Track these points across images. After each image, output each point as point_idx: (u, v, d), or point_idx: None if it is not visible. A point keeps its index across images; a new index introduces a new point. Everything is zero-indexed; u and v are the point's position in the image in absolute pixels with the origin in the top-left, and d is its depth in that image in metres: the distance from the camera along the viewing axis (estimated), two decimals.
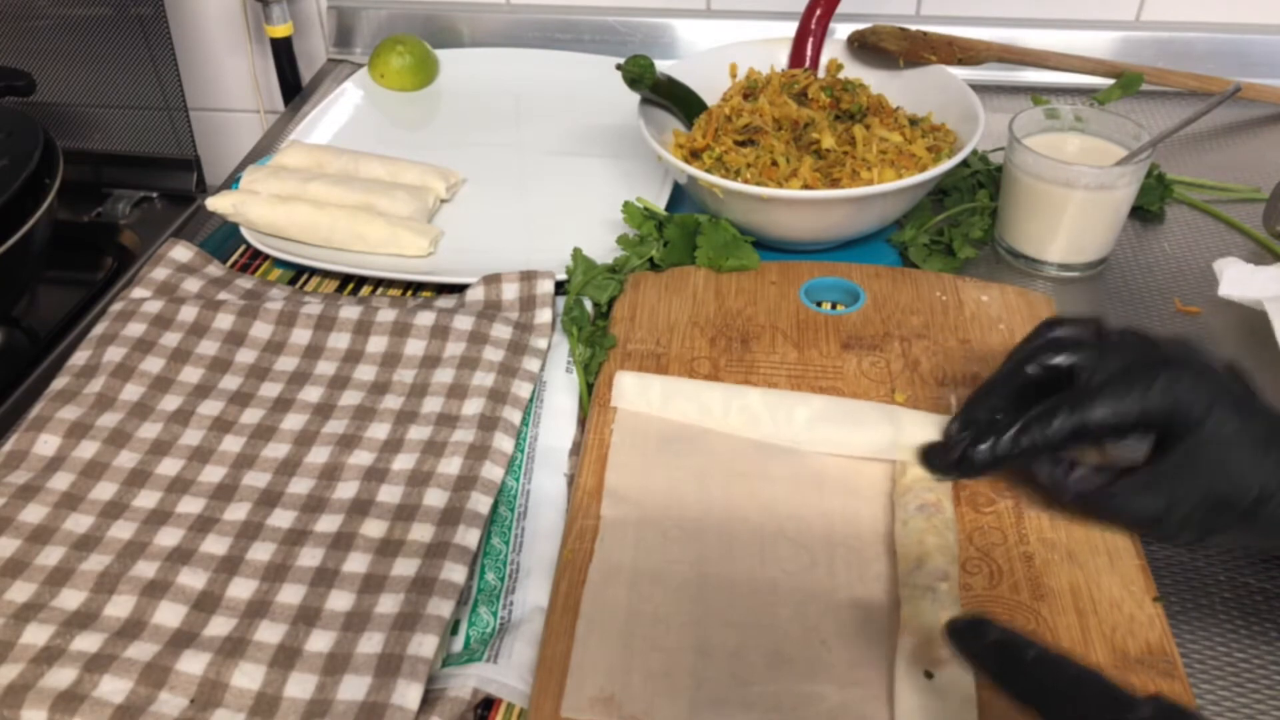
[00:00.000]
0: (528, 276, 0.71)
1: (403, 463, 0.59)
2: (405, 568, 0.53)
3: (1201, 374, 0.49)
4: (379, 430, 0.62)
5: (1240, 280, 0.67)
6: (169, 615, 0.51)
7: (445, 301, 0.71)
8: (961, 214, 0.79)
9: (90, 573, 0.53)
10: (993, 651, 0.42)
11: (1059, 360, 0.52)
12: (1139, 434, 0.50)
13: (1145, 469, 0.50)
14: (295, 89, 1.12)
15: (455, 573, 0.53)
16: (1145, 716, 0.37)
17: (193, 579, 0.53)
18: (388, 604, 0.51)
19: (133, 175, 1.09)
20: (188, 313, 0.69)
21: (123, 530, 0.56)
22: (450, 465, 0.59)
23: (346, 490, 0.58)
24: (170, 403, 0.63)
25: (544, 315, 0.69)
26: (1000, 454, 0.51)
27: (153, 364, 0.66)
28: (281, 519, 0.56)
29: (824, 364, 0.64)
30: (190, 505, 0.57)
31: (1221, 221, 0.80)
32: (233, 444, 0.61)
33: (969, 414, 0.55)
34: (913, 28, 0.87)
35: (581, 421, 0.64)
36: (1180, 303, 0.72)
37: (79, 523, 0.56)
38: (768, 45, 0.88)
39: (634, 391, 0.61)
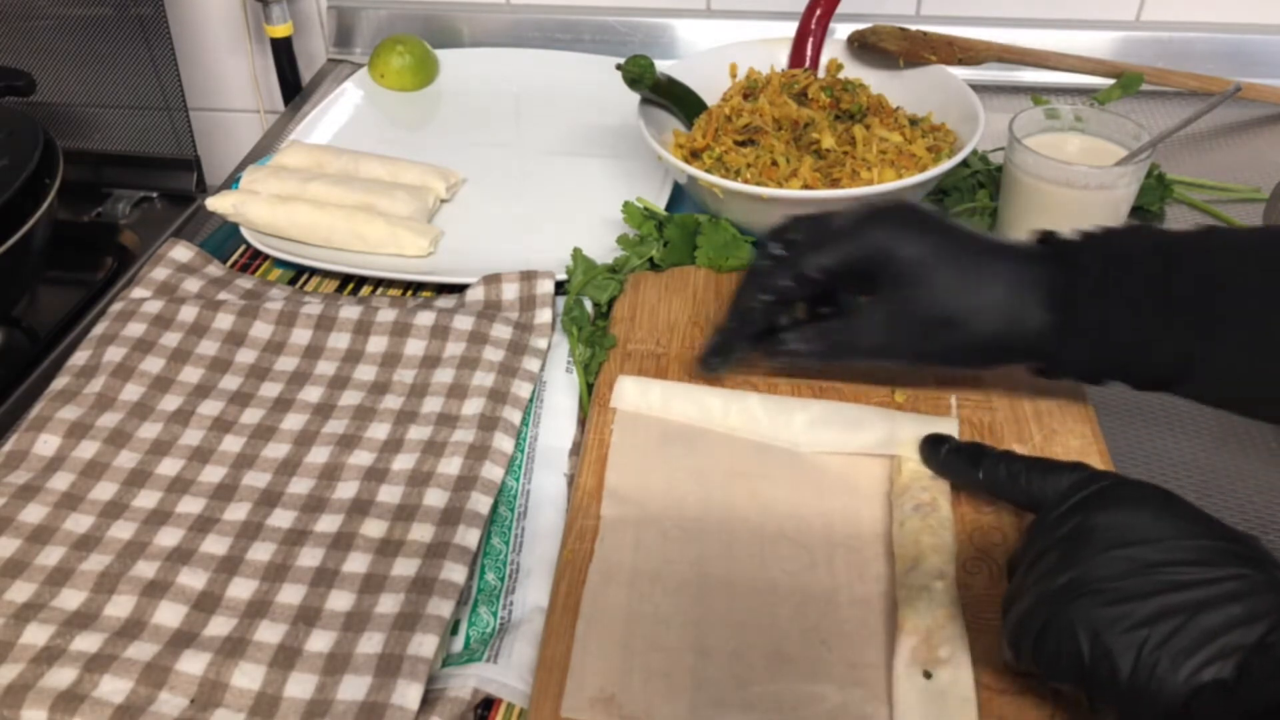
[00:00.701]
0: (528, 276, 0.71)
1: (403, 463, 0.59)
2: (405, 568, 0.53)
3: (901, 216, 0.55)
4: (379, 430, 0.62)
5: None
6: (169, 615, 0.51)
7: (445, 301, 0.71)
8: (961, 214, 0.79)
9: (90, 573, 0.53)
10: (953, 455, 0.53)
11: (778, 242, 0.58)
12: (858, 283, 0.56)
13: (869, 306, 0.56)
14: (295, 89, 1.12)
15: (455, 573, 0.53)
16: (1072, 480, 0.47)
17: (193, 579, 0.53)
18: (388, 604, 0.51)
19: (133, 175, 1.09)
20: (188, 313, 0.69)
21: (123, 530, 0.56)
22: (450, 465, 0.59)
23: (346, 490, 0.58)
24: (170, 403, 0.63)
25: (544, 315, 0.69)
26: (732, 328, 0.59)
27: (153, 364, 0.66)
28: (281, 519, 0.56)
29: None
30: (190, 505, 0.57)
31: (1222, 221, 0.80)
32: (233, 444, 0.61)
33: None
34: (913, 28, 0.86)
35: (581, 421, 0.63)
36: None
37: (79, 523, 0.56)
38: (768, 45, 0.88)
39: (634, 396, 0.61)
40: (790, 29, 0.87)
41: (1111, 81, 0.91)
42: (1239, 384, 0.51)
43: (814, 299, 0.60)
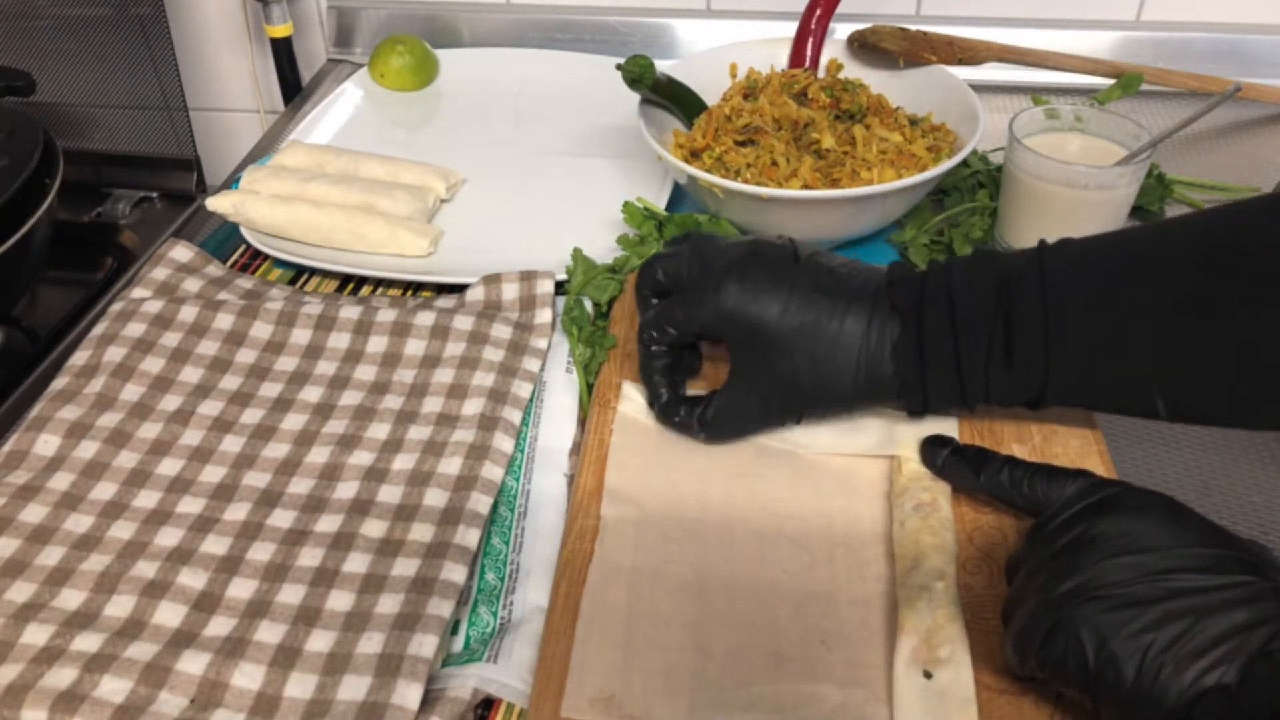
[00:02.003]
0: (528, 276, 0.71)
1: (403, 463, 0.59)
2: (405, 568, 0.53)
3: (752, 275, 0.55)
4: (379, 430, 0.62)
5: None
6: (169, 615, 0.51)
7: (445, 301, 0.71)
8: (961, 214, 0.79)
9: (90, 573, 0.53)
10: (953, 459, 0.54)
11: (658, 279, 0.59)
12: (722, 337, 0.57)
13: (735, 381, 0.57)
14: (295, 89, 1.12)
15: (455, 573, 0.53)
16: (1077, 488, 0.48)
17: (193, 579, 0.53)
18: (388, 604, 0.51)
19: (133, 175, 1.09)
20: (188, 313, 0.69)
21: (123, 530, 0.56)
22: (450, 465, 0.59)
23: (346, 490, 0.58)
24: (170, 403, 0.63)
25: (544, 315, 0.69)
26: (644, 365, 0.59)
27: (153, 364, 0.66)
28: (281, 519, 0.56)
29: None
30: (190, 505, 0.57)
31: None
32: (233, 444, 0.61)
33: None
34: (913, 28, 0.86)
35: (581, 421, 0.63)
36: None
37: (79, 523, 0.56)
38: (768, 45, 0.88)
39: (640, 402, 0.61)
40: (790, 29, 0.87)
41: (1111, 81, 0.91)
42: (1086, 395, 0.53)
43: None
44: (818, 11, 0.85)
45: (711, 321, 0.56)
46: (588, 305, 0.70)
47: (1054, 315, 0.52)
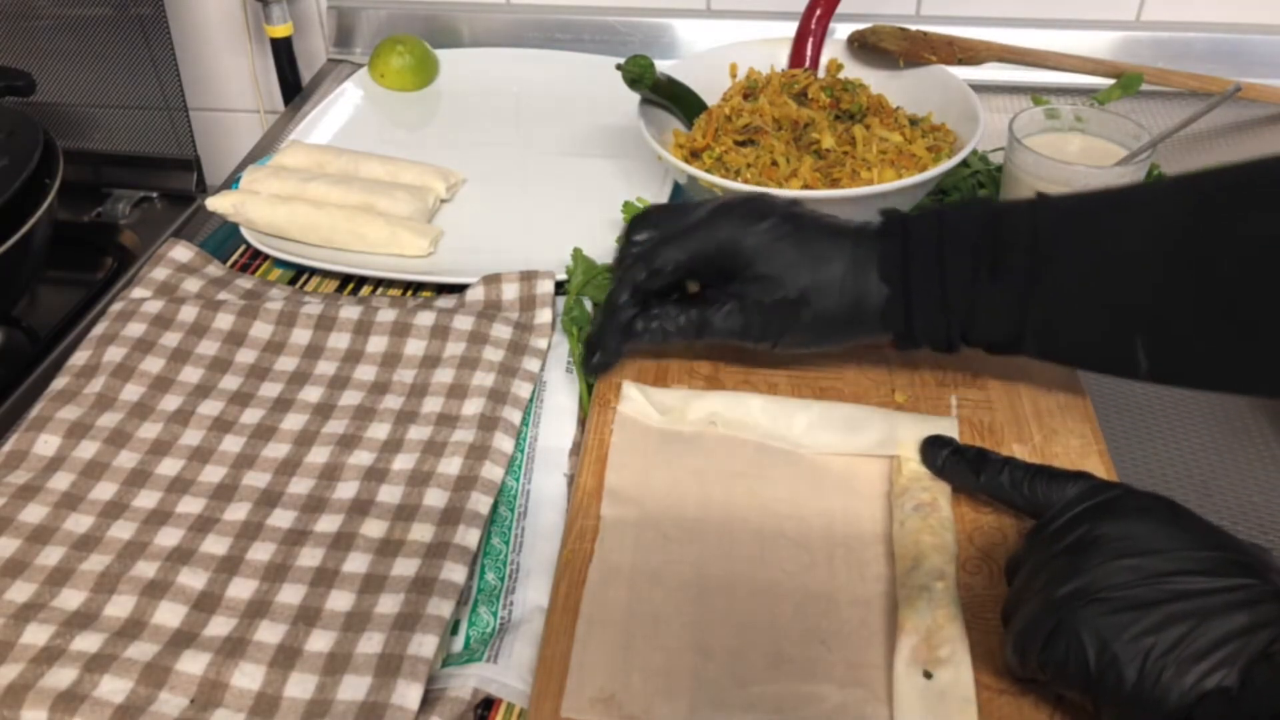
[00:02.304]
0: (528, 276, 0.71)
1: (403, 463, 0.59)
2: (405, 568, 0.53)
3: (746, 209, 0.57)
4: (379, 430, 0.62)
5: None
6: (169, 615, 0.51)
7: (445, 301, 0.71)
8: None
9: (90, 573, 0.53)
10: (953, 459, 0.54)
11: (637, 234, 0.60)
12: (712, 274, 0.58)
13: (722, 292, 0.58)
14: (295, 89, 1.12)
15: (455, 573, 0.53)
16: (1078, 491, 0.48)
17: (193, 579, 0.53)
18: (388, 604, 0.51)
19: (133, 175, 1.09)
20: (188, 313, 0.69)
21: (123, 530, 0.56)
22: (450, 465, 0.59)
23: (346, 490, 0.58)
24: (170, 403, 0.63)
25: (544, 315, 0.69)
26: (601, 322, 0.60)
27: (153, 364, 0.66)
28: (281, 519, 0.56)
29: (824, 364, 0.64)
30: (190, 505, 0.57)
31: None
32: (233, 444, 0.61)
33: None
34: (913, 28, 0.86)
35: (581, 421, 0.63)
36: None
37: (79, 523, 0.56)
38: (768, 45, 0.88)
39: (640, 402, 0.61)
40: (790, 29, 0.87)
41: (1111, 81, 0.91)
42: (1069, 341, 0.54)
43: (679, 290, 0.62)
44: (818, 11, 0.85)
45: (701, 249, 0.57)
46: (588, 305, 0.70)
47: (1042, 241, 0.52)
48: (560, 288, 0.72)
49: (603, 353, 0.60)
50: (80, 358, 0.66)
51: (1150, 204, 0.53)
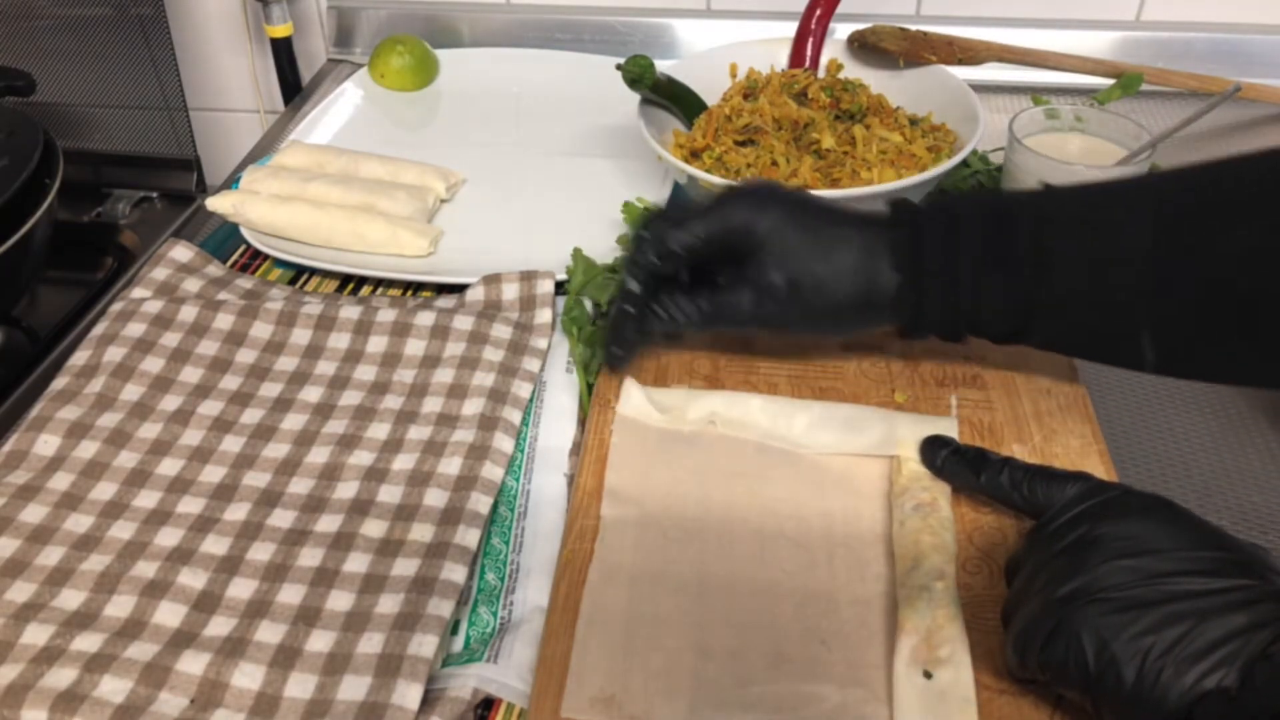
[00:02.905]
0: (528, 276, 0.71)
1: (403, 463, 0.59)
2: (405, 568, 0.53)
3: (759, 193, 0.58)
4: (379, 430, 0.62)
5: None
6: (169, 615, 0.51)
7: (445, 301, 0.71)
8: None
9: (90, 573, 0.53)
10: (953, 459, 0.54)
11: (647, 230, 0.59)
12: (725, 258, 0.58)
13: (735, 277, 0.58)
14: (295, 89, 1.12)
15: (455, 573, 0.53)
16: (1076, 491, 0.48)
17: (193, 579, 0.53)
18: (388, 604, 0.51)
19: (133, 175, 1.09)
20: (188, 313, 0.69)
21: (123, 530, 0.56)
22: (450, 465, 0.59)
23: (346, 490, 0.58)
24: (170, 403, 0.63)
25: (544, 315, 0.69)
26: (615, 314, 0.60)
27: (153, 364, 0.66)
28: (281, 519, 0.56)
29: (824, 364, 0.64)
30: (190, 505, 0.57)
31: None
32: (233, 444, 0.61)
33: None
34: (913, 28, 0.86)
35: (581, 422, 0.63)
36: None
37: (79, 523, 0.56)
38: (768, 45, 0.88)
39: (640, 401, 0.61)
40: (790, 29, 0.87)
41: (1111, 81, 0.91)
42: (1076, 333, 0.55)
43: (694, 280, 0.61)
44: (818, 11, 0.85)
45: (713, 231, 0.57)
46: (588, 305, 0.70)
47: (1049, 232, 0.53)
48: (560, 288, 0.72)
49: (619, 345, 0.60)
50: (80, 358, 0.66)
51: (1155, 195, 0.53)
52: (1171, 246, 0.51)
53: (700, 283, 0.60)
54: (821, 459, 0.58)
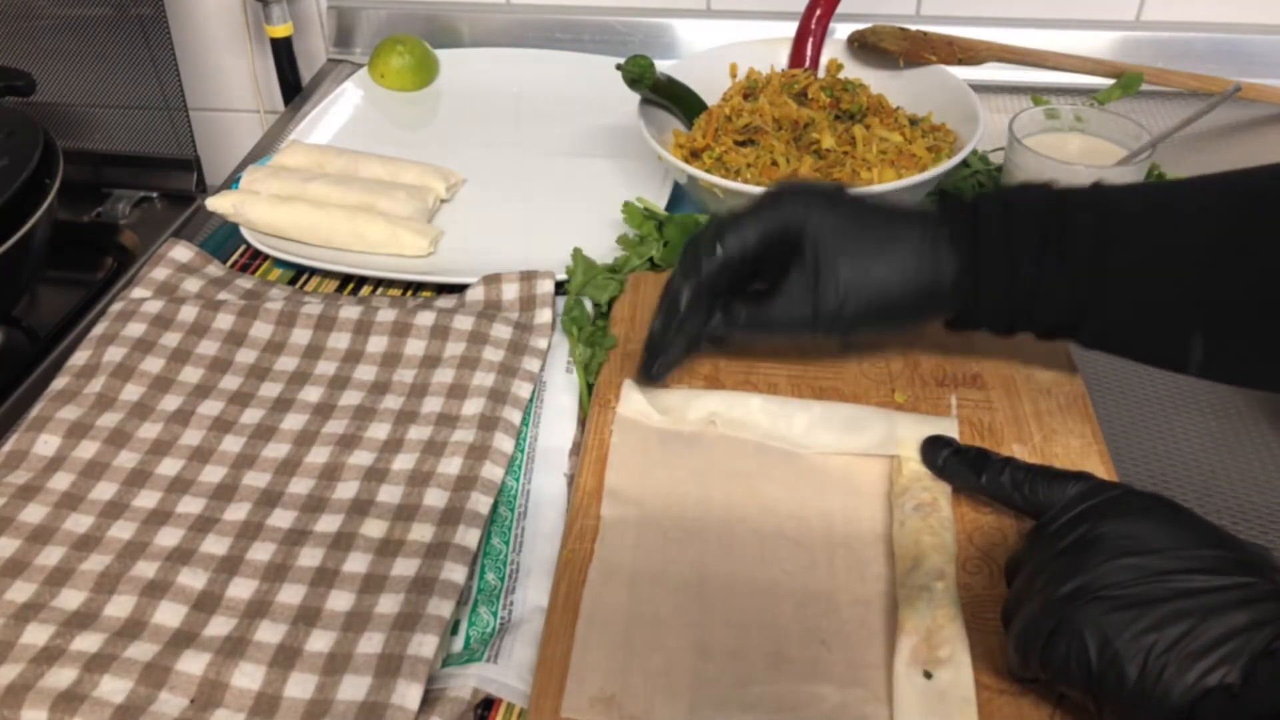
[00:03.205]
0: (528, 276, 0.71)
1: (403, 463, 0.59)
2: (405, 568, 0.53)
3: (809, 190, 0.57)
4: (379, 430, 0.62)
5: None
6: (169, 615, 0.51)
7: (445, 301, 0.71)
8: None
9: (90, 573, 0.53)
10: (953, 459, 0.54)
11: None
12: (778, 259, 0.56)
13: (787, 280, 0.56)
14: (295, 89, 1.12)
15: (455, 573, 0.53)
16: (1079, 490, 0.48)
17: (193, 579, 0.53)
18: (388, 604, 0.51)
19: (133, 175, 1.09)
20: (188, 313, 0.69)
21: (123, 530, 0.56)
22: (450, 465, 0.59)
23: (346, 490, 0.58)
24: (170, 403, 0.63)
25: (544, 315, 0.69)
26: (662, 324, 0.59)
27: (153, 364, 0.66)
28: (281, 519, 0.56)
29: (824, 364, 0.64)
30: (190, 505, 0.57)
31: None
32: (233, 444, 0.61)
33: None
34: (913, 28, 0.87)
35: (581, 421, 0.63)
36: None
37: (79, 523, 0.56)
38: (768, 45, 0.88)
39: (639, 402, 0.61)
40: (790, 29, 0.87)
41: (1111, 81, 0.91)
42: (1127, 330, 0.54)
43: (740, 289, 0.60)
44: (818, 11, 0.85)
45: (767, 230, 0.56)
46: (588, 305, 0.70)
47: (1107, 227, 0.52)
48: (560, 288, 0.72)
49: (665, 357, 0.60)
50: (80, 358, 0.66)
51: (1219, 194, 0.53)
52: (1232, 247, 0.50)
53: (743, 295, 0.59)
54: (821, 459, 0.58)
